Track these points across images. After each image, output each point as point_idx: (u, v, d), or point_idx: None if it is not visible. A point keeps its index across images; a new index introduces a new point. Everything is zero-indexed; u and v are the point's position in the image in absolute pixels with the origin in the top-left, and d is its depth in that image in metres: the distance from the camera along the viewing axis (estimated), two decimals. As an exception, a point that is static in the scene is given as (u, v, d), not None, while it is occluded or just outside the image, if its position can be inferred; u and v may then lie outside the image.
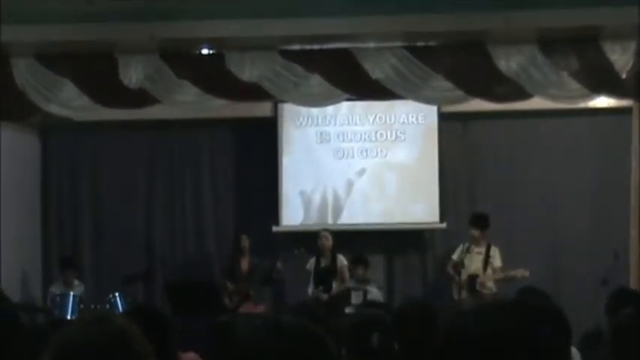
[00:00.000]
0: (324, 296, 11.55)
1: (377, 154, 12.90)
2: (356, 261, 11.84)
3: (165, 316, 4.14)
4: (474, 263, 11.31)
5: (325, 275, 11.71)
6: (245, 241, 12.07)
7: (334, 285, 11.72)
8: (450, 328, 2.06)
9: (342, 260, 11.81)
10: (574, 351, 5.50)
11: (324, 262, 11.80)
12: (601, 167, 12.61)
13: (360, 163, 12.91)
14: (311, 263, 11.87)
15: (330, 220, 12.85)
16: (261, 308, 11.88)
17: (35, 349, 5.69)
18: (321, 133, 12.98)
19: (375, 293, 11.82)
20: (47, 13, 10.05)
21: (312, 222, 12.88)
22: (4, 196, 11.50)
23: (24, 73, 10.63)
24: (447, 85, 10.63)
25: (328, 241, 11.82)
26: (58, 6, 10.07)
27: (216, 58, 10.60)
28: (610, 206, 12.36)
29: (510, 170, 12.85)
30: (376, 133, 12.92)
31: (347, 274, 11.80)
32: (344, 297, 11.47)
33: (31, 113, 11.25)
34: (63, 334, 2.48)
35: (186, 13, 10.10)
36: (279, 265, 11.71)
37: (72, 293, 11.38)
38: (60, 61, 10.61)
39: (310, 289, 11.74)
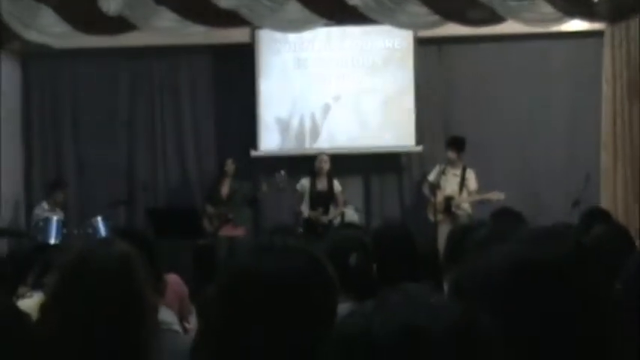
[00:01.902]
0: (325, 218, 11.71)
1: (353, 79, 12.96)
2: None
3: (149, 238, 4.27)
4: (449, 185, 11.38)
5: (323, 198, 11.82)
6: (230, 166, 12.15)
7: (332, 209, 11.88)
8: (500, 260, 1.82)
9: (337, 185, 11.91)
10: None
11: (319, 186, 11.91)
12: (573, 90, 12.65)
13: (336, 88, 12.98)
14: (302, 185, 11.86)
15: (307, 145, 12.95)
16: (241, 231, 12.05)
17: (19, 271, 5.84)
18: (298, 59, 13.00)
19: (351, 215, 11.97)
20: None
21: (290, 147, 12.99)
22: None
23: (3, -1, 10.60)
24: (422, 10, 10.70)
25: (327, 164, 11.82)
26: None
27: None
28: (583, 129, 12.48)
29: (486, 94, 12.86)
30: (352, 58, 12.98)
31: (341, 199, 11.96)
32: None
33: (10, 40, 11.24)
34: (69, 256, 2.61)
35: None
36: (264, 186, 11.80)
37: (55, 217, 11.42)
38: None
39: (305, 210, 11.80)
